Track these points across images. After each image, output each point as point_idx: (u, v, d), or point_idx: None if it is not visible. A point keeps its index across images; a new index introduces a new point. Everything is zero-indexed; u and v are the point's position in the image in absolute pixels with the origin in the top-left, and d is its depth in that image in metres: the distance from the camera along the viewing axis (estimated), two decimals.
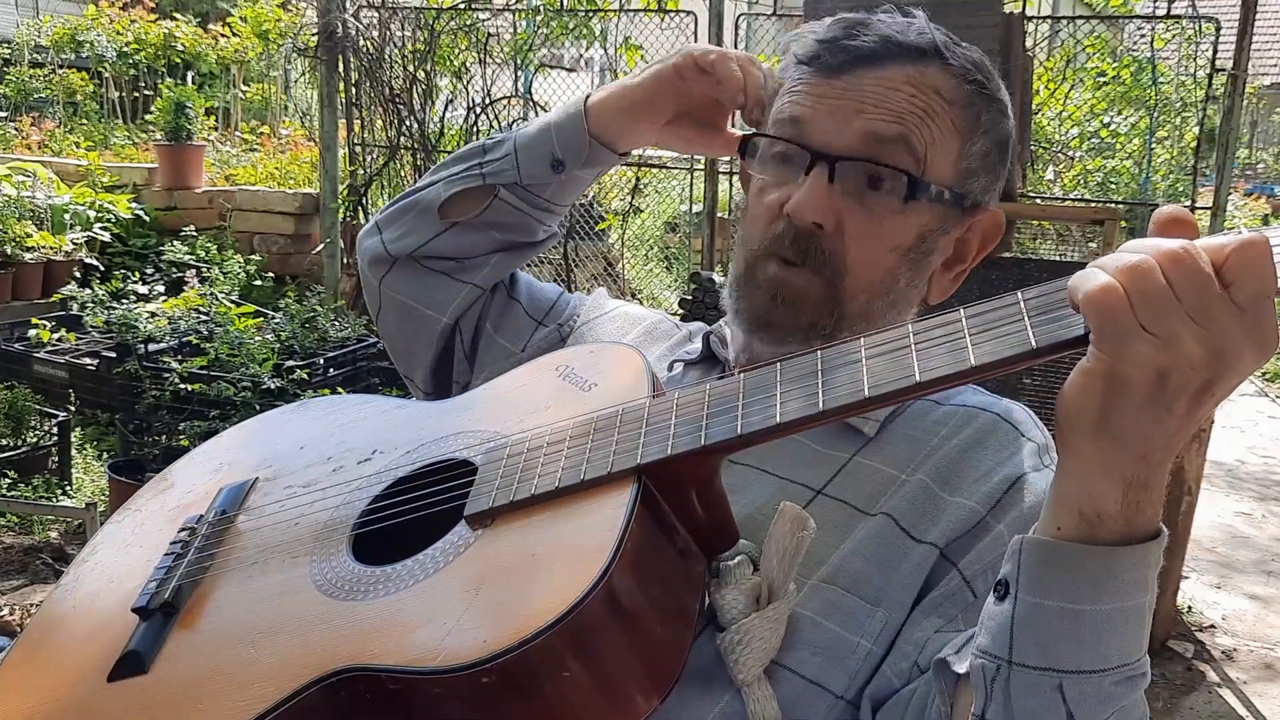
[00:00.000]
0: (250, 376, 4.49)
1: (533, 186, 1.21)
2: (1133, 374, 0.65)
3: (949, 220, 1.03)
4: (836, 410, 0.75)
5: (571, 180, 1.21)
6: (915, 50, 1.00)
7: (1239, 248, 0.64)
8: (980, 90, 1.02)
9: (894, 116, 0.98)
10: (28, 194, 6.52)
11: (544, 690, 0.72)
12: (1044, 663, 0.73)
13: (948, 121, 1.00)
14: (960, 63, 1.01)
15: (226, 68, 10.41)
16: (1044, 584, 0.73)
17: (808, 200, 0.98)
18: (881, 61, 0.99)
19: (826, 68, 1.01)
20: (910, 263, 1.03)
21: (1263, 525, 5.26)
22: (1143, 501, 0.70)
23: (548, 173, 1.18)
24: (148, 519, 1.07)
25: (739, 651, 0.86)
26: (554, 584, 0.74)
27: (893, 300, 1.03)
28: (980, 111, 1.02)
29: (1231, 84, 4.06)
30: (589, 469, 0.82)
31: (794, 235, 1.00)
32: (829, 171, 0.98)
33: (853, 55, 1.00)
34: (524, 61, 5.61)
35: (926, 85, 0.99)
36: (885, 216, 0.99)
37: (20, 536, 4.18)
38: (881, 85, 0.99)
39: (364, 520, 0.92)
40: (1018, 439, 1.01)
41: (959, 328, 0.73)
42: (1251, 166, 15.13)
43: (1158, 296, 0.64)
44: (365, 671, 0.75)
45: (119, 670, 0.87)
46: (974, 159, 1.03)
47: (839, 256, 1.00)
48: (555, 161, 1.17)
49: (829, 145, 0.99)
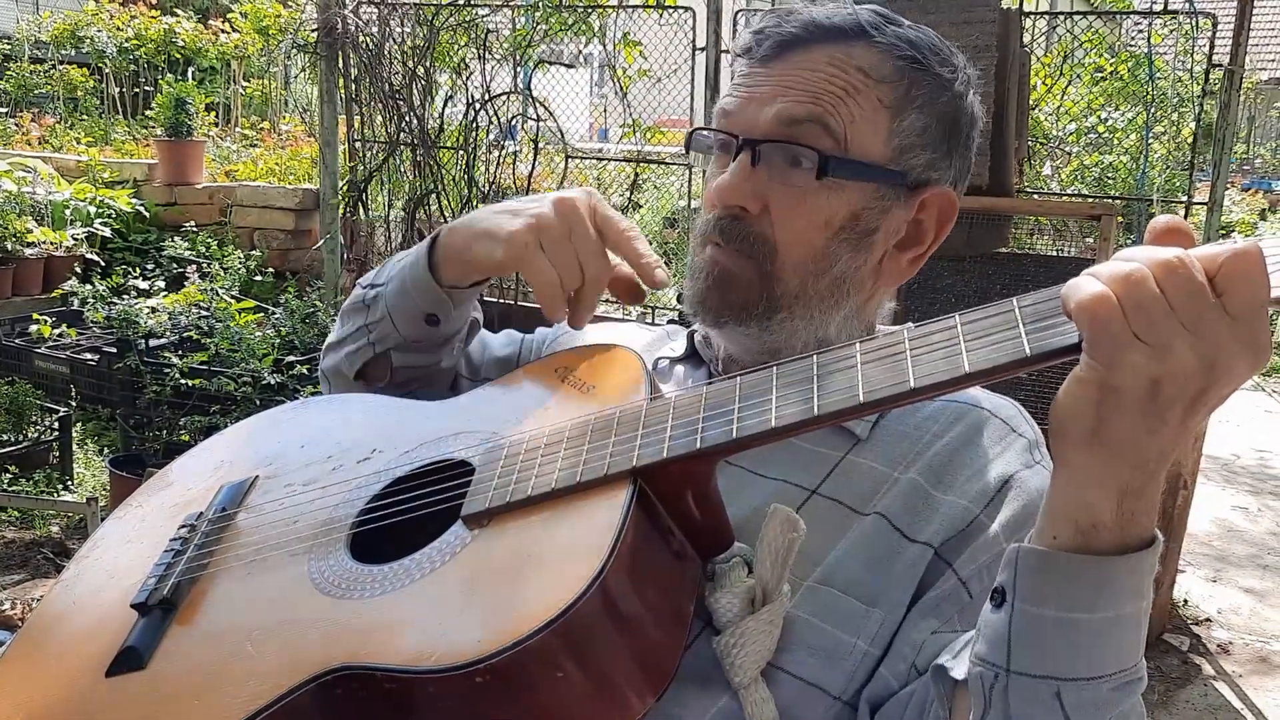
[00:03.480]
0: (250, 372, 4.50)
1: (420, 340, 1.14)
2: (1126, 383, 0.66)
3: (888, 199, 1.02)
4: (831, 415, 0.76)
5: (456, 319, 1.13)
6: (838, 31, 1.01)
7: (1232, 257, 0.64)
8: (913, 64, 1.01)
9: (809, 97, 0.99)
10: (28, 190, 6.52)
11: (538, 690, 0.72)
12: (1042, 671, 0.74)
13: (873, 98, 1.00)
14: (890, 40, 1.01)
15: (227, 63, 10.39)
16: (1040, 593, 0.73)
17: (730, 184, 1.01)
18: (806, 45, 1.01)
19: (758, 58, 1.03)
20: (848, 243, 1.02)
21: (1258, 519, 5.27)
22: (1138, 511, 0.71)
23: (426, 329, 1.12)
24: (148, 515, 1.08)
25: (735, 654, 0.87)
26: (549, 585, 0.74)
27: (834, 281, 1.02)
28: (911, 85, 1.01)
29: (1228, 79, 4.06)
30: (585, 471, 0.82)
31: (721, 219, 1.02)
32: (751, 155, 1.00)
33: (777, 42, 1.02)
34: (523, 57, 5.60)
35: (849, 64, 1.00)
36: (808, 194, 1.00)
37: (21, 531, 4.19)
38: (802, 68, 1.01)
39: (362, 519, 0.92)
40: (1008, 435, 1.02)
41: (954, 334, 0.74)
42: (1249, 161, 15.09)
43: (1151, 305, 0.64)
44: (361, 670, 0.76)
45: (117, 666, 0.87)
46: (908, 135, 1.01)
47: (767, 238, 1.01)
48: (428, 317, 1.10)
49: (750, 129, 1.01)
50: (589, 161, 6.55)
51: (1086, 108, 6.26)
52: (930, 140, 1.03)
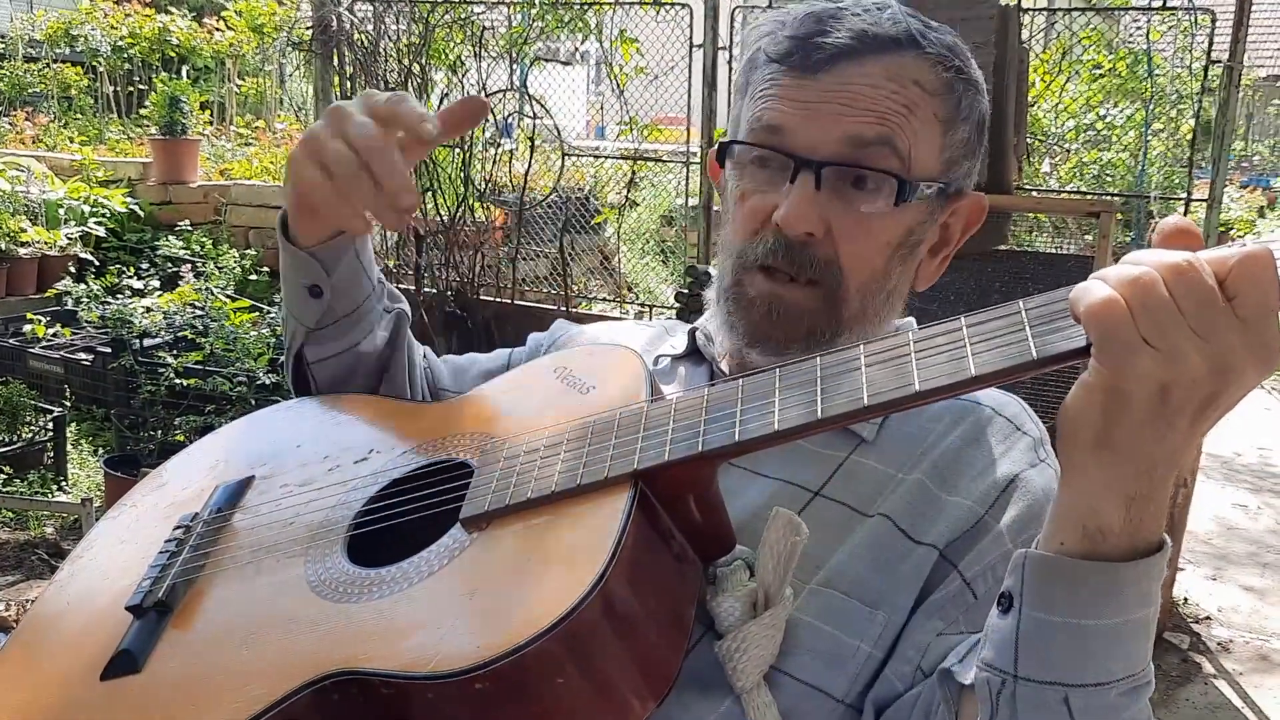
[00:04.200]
0: (245, 371, 4.49)
1: (321, 324, 1.10)
2: (1134, 388, 0.65)
3: (936, 213, 1.02)
4: (835, 418, 0.75)
5: (344, 280, 1.08)
6: (891, 41, 0.96)
7: (1242, 260, 0.63)
8: (959, 75, 0.99)
9: (876, 118, 0.95)
10: (22, 189, 6.51)
11: (539, 696, 0.71)
12: (1049, 677, 0.73)
13: (929, 113, 0.97)
14: (937, 50, 0.98)
15: (221, 62, 10.39)
16: (1048, 599, 0.72)
17: (797, 211, 0.96)
18: (859, 57, 0.95)
19: (801, 67, 0.97)
20: (900, 258, 1.01)
21: (1258, 517, 5.27)
22: (1146, 517, 0.70)
23: (314, 304, 1.08)
24: (143, 516, 1.07)
25: (737, 658, 0.86)
26: (549, 590, 0.73)
27: (886, 296, 1.02)
28: (960, 97, 0.99)
29: (1227, 76, 4.06)
30: (585, 474, 0.81)
31: (785, 247, 0.98)
32: (815, 178, 0.96)
33: (828, 54, 0.96)
34: (519, 55, 5.59)
35: (906, 78, 0.96)
36: (875, 218, 0.97)
37: (16, 532, 4.18)
38: (861, 83, 0.95)
39: (359, 521, 0.91)
40: (1013, 434, 1.01)
41: (959, 337, 0.73)
42: (1247, 158, 15.10)
43: (1160, 309, 0.63)
44: (358, 675, 0.75)
45: (112, 669, 0.86)
46: (956, 148, 1.01)
47: (833, 262, 0.98)
48: (310, 289, 1.07)
49: (813, 150, 0.96)
50: (586, 159, 6.54)
51: (1085, 104, 6.25)
52: (970, 149, 1.03)
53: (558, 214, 6.02)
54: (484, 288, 5.56)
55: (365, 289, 1.11)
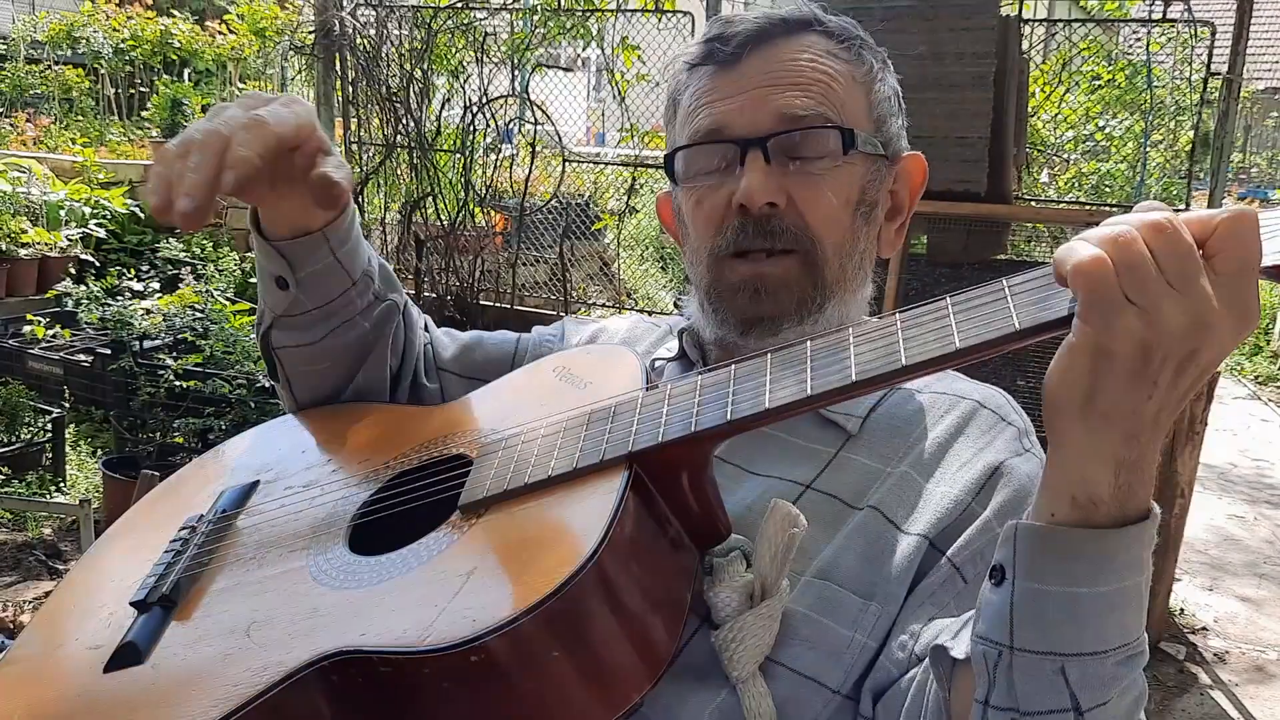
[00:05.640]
0: (245, 374, 4.49)
1: (290, 312, 1.11)
2: (1118, 347, 0.66)
3: (881, 169, 1.08)
4: (824, 395, 0.76)
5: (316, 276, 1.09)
6: (797, 24, 1.05)
7: (1228, 218, 0.65)
8: (864, 45, 1.08)
9: (802, 89, 1.02)
10: (23, 190, 6.51)
11: (533, 671, 0.72)
12: (1045, 647, 0.73)
13: (849, 77, 1.05)
14: (838, 26, 1.07)
15: (223, 65, 10.41)
16: (1041, 569, 0.73)
17: (755, 183, 1.00)
18: (770, 39, 1.04)
19: (721, 61, 1.05)
20: (863, 216, 1.06)
21: (1254, 528, 5.27)
22: (1134, 483, 0.71)
23: (281, 295, 1.10)
24: (151, 521, 1.09)
25: (733, 649, 0.87)
26: (543, 565, 0.75)
27: (859, 259, 1.07)
28: (870, 64, 1.07)
29: (1226, 88, 4.08)
30: (582, 458, 0.83)
31: (754, 225, 1.02)
32: (762, 153, 1.01)
33: (741, 39, 1.04)
34: (521, 61, 5.61)
35: (817, 50, 1.04)
36: (828, 177, 1.03)
37: (14, 533, 4.18)
38: (779, 61, 1.03)
39: (361, 514, 0.93)
40: (998, 424, 1.03)
41: (944, 313, 0.74)
42: (1245, 170, 15.15)
43: (1139, 265, 0.65)
44: (357, 654, 0.76)
45: (116, 661, 0.88)
46: (880, 105, 1.08)
47: (803, 229, 1.02)
48: (277, 280, 1.09)
49: (754, 130, 1.02)
50: (586, 165, 6.56)
51: (1084, 115, 6.27)
52: (894, 109, 1.10)
53: (558, 220, 6.03)
54: (484, 293, 5.58)
55: (341, 285, 1.11)
